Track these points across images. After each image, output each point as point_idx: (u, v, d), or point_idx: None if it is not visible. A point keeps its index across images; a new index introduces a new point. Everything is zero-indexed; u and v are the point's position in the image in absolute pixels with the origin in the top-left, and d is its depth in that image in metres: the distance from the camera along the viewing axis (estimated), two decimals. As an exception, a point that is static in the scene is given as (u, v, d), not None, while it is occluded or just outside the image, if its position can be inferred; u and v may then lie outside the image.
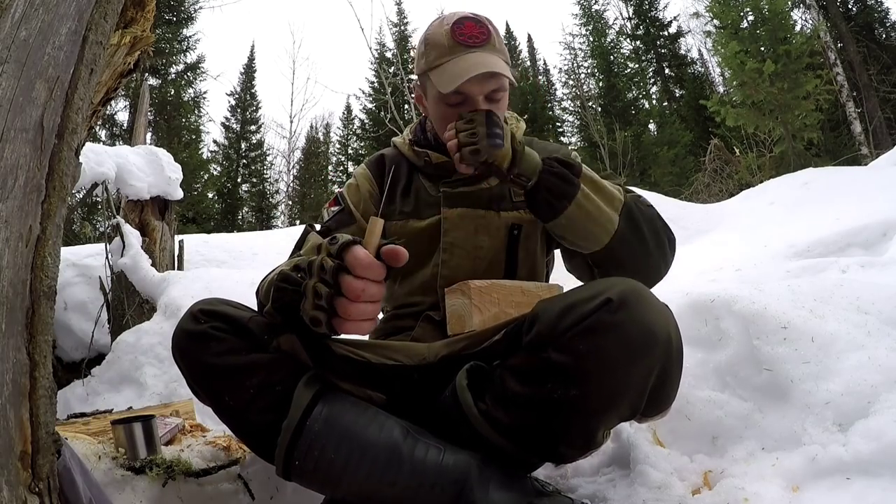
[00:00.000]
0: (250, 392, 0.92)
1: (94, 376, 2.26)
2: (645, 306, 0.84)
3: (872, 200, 3.49)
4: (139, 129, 4.46)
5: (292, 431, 0.89)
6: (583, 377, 0.83)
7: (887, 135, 11.78)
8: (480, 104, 1.10)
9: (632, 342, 0.82)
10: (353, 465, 0.89)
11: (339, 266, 0.74)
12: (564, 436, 0.89)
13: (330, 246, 0.76)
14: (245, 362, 0.93)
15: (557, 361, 0.84)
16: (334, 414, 0.91)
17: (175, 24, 15.75)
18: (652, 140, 16.70)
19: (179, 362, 0.97)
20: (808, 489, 0.95)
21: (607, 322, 0.82)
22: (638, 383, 0.85)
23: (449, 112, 1.12)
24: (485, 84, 1.09)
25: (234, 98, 21.33)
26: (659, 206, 1.21)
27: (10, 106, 0.67)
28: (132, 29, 1.47)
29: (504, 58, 1.13)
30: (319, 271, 0.76)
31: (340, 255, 0.75)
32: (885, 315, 1.21)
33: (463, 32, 1.10)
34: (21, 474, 0.61)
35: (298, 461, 0.89)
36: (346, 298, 0.74)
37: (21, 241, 0.66)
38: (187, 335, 0.95)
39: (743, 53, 8.70)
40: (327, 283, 0.75)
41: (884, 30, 15.28)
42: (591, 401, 0.84)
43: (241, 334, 0.95)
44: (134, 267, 2.77)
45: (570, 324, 0.84)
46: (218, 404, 0.95)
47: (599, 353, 0.82)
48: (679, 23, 19.46)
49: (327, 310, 0.76)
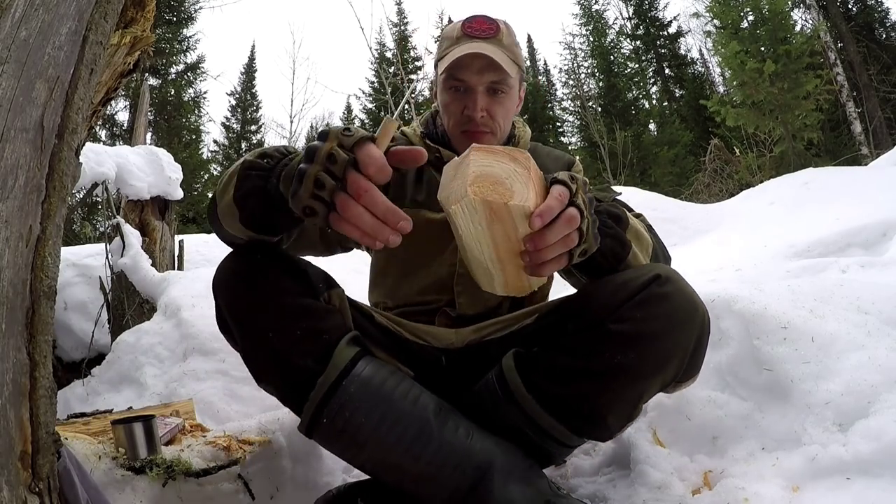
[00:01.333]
0: (297, 334, 0.90)
1: (94, 376, 2.26)
2: (685, 283, 0.94)
3: (872, 200, 3.48)
4: (139, 129, 4.46)
5: (327, 388, 0.88)
6: (640, 340, 0.89)
7: (887, 135, 11.78)
8: (479, 94, 1.14)
9: (679, 310, 0.90)
10: (383, 433, 0.88)
11: (352, 160, 0.69)
12: (615, 404, 0.92)
13: (343, 136, 0.70)
14: (297, 304, 0.91)
15: (617, 331, 0.89)
16: (372, 378, 0.90)
17: (175, 24, 15.75)
18: (652, 140, 16.70)
19: (225, 296, 0.94)
20: (808, 489, 0.95)
21: (659, 293, 0.90)
22: (683, 347, 0.91)
23: (451, 98, 1.17)
24: (483, 74, 1.13)
25: (234, 98, 21.34)
26: (659, 206, 1.22)
27: (10, 106, 0.67)
28: (132, 29, 1.47)
29: (511, 55, 1.15)
30: (326, 160, 0.69)
31: (353, 149, 0.69)
32: (885, 315, 1.21)
33: (472, 26, 1.16)
34: (21, 474, 0.61)
35: (327, 419, 0.88)
36: (348, 195, 0.68)
37: (21, 241, 0.66)
38: (238, 270, 0.93)
39: (743, 53, 8.70)
40: (333, 175, 0.69)
41: (884, 30, 15.27)
42: (647, 363, 0.90)
43: (296, 277, 0.94)
44: (134, 267, 2.77)
45: (625, 297, 0.91)
46: (261, 344, 0.91)
47: (655, 319, 0.89)
48: (679, 23, 19.48)
49: (327, 203, 0.69)
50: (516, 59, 1.18)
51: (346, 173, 0.69)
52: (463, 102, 1.16)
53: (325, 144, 0.70)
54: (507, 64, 1.12)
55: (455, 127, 1.19)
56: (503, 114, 1.17)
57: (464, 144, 1.16)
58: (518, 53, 1.19)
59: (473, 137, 1.15)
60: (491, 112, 1.16)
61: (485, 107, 1.15)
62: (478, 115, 1.14)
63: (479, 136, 1.16)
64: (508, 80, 1.15)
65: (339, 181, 0.69)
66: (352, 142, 0.70)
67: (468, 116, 1.15)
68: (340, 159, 0.69)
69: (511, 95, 1.18)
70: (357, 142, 0.69)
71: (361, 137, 0.70)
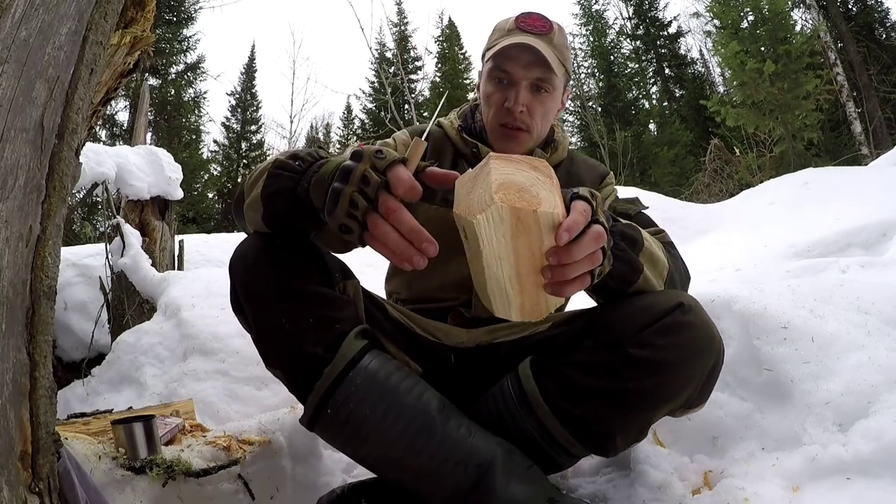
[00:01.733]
0: (310, 321, 0.90)
1: (94, 376, 2.26)
2: (704, 312, 0.94)
3: (872, 200, 3.49)
4: (139, 129, 4.46)
5: (333, 378, 0.88)
6: (660, 368, 0.89)
7: (887, 135, 11.78)
8: (522, 88, 1.13)
9: (699, 340, 0.91)
10: (387, 426, 0.88)
11: (384, 182, 0.72)
12: (626, 425, 0.93)
13: (376, 159, 0.73)
14: (314, 291, 0.92)
15: (636, 356, 0.90)
16: (379, 371, 0.90)
17: (175, 24, 15.75)
18: (652, 140, 16.70)
19: (241, 276, 0.95)
20: (808, 489, 0.95)
21: (681, 322, 0.91)
22: (698, 376, 0.92)
23: (494, 89, 1.16)
24: (529, 69, 1.12)
25: (234, 98, 21.32)
26: (659, 206, 1.22)
27: (10, 106, 0.67)
28: (132, 29, 1.47)
29: (559, 55, 1.14)
30: (360, 181, 0.72)
31: (385, 171, 0.72)
32: (885, 315, 1.21)
33: (526, 21, 1.15)
34: (21, 474, 0.61)
35: (331, 409, 0.88)
36: (379, 215, 0.71)
37: (21, 241, 0.66)
38: (259, 249, 0.94)
39: (743, 53, 8.70)
40: (366, 196, 0.72)
41: (884, 30, 15.27)
42: (665, 389, 0.90)
43: (314, 265, 0.94)
44: (134, 267, 2.77)
45: (647, 322, 0.91)
46: (274, 328, 0.92)
47: (675, 347, 0.90)
48: (679, 23, 19.47)
49: (361, 222, 0.73)
50: (565, 61, 1.17)
51: (377, 194, 0.71)
52: (505, 95, 1.15)
53: (359, 165, 0.73)
54: (554, 63, 1.11)
55: (493, 118, 1.18)
56: (543, 113, 1.16)
57: (501, 139, 1.17)
58: (567, 56, 1.18)
59: (510, 133, 1.15)
60: (531, 109, 1.14)
61: (526, 103, 1.13)
62: (518, 108, 1.13)
63: (516, 133, 1.15)
64: (553, 80, 1.14)
65: (371, 202, 0.72)
66: (384, 164, 0.73)
67: (508, 109, 1.14)
68: (373, 181, 0.72)
69: (554, 97, 1.16)
70: (389, 165, 0.73)
71: (393, 161, 0.73)
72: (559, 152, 1.26)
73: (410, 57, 20.78)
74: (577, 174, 1.26)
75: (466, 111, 1.30)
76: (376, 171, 0.73)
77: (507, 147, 1.17)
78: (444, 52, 20.01)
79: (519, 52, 1.11)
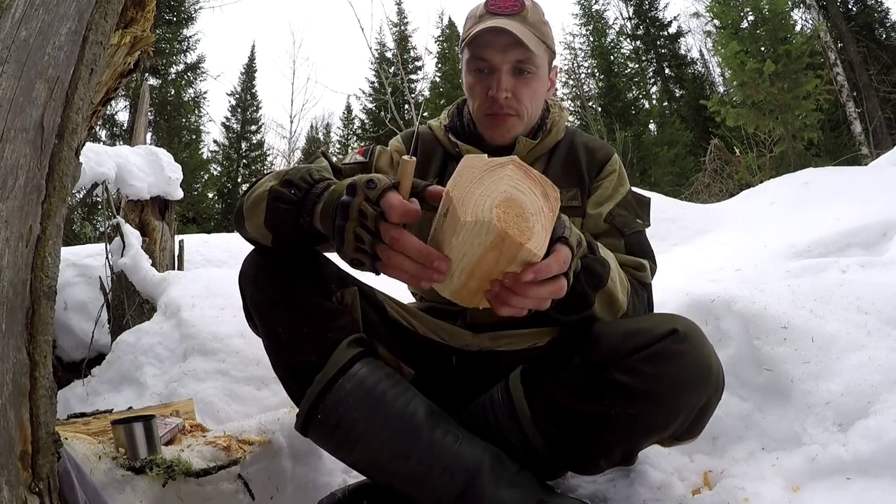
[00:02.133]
0: (304, 332, 0.94)
1: (94, 376, 2.26)
2: (703, 341, 0.90)
3: (872, 200, 3.49)
4: (139, 129, 4.46)
5: (323, 385, 0.91)
6: (645, 397, 0.87)
7: (887, 135, 11.77)
8: (504, 74, 1.08)
9: (692, 371, 0.87)
10: (374, 431, 0.90)
11: (380, 214, 0.72)
12: (608, 450, 0.92)
13: (368, 190, 0.73)
14: (309, 303, 0.95)
15: (621, 381, 0.87)
16: (367, 378, 0.92)
17: (175, 24, 15.74)
18: (652, 140, 16.69)
19: (247, 290, 1.00)
20: (808, 489, 0.95)
21: (673, 350, 0.87)
22: (689, 409, 0.89)
23: (475, 80, 1.12)
24: (507, 53, 1.07)
25: (234, 98, 21.32)
26: (659, 206, 1.21)
27: (10, 106, 0.67)
28: (132, 29, 1.47)
29: (536, 33, 1.09)
30: (359, 216, 0.73)
31: (378, 201, 0.72)
32: (885, 315, 1.21)
33: (496, 3, 1.10)
34: (21, 474, 0.61)
35: (321, 415, 0.91)
36: (386, 245, 0.72)
37: (21, 241, 0.66)
38: (260, 266, 0.98)
39: (743, 53, 8.70)
40: (368, 229, 0.73)
41: (884, 30, 15.26)
42: (647, 420, 0.88)
43: (311, 277, 0.97)
44: (134, 267, 2.77)
45: (636, 347, 0.88)
46: (272, 336, 0.97)
47: (664, 377, 0.86)
48: (679, 23, 19.47)
49: (371, 254, 0.73)
50: (544, 37, 1.11)
51: (377, 225, 0.72)
52: (487, 84, 1.10)
53: (354, 200, 0.74)
54: (532, 42, 1.06)
55: (479, 109, 1.14)
56: (530, 95, 1.11)
57: (490, 127, 1.13)
58: (546, 32, 1.12)
59: (498, 120, 1.11)
60: (517, 94, 1.10)
61: (510, 87, 1.09)
62: (502, 95, 1.08)
63: (504, 119, 1.11)
64: (535, 59, 1.08)
65: (374, 234, 0.72)
66: (376, 195, 0.73)
67: (493, 98, 1.09)
68: (370, 214, 0.72)
69: (539, 76, 1.11)
70: (381, 194, 0.72)
71: (384, 189, 0.72)
72: (553, 135, 1.19)
73: (410, 57, 20.77)
74: (574, 164, 1.17)
75: (454, 110, 1.26)
76: (370, 202, 0.73)
77: (497, 133, 1.13)
78: (444, 52, 20.00)
79: (493, 36, 1.06)
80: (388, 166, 1.19)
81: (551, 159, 1.18)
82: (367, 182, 0.74)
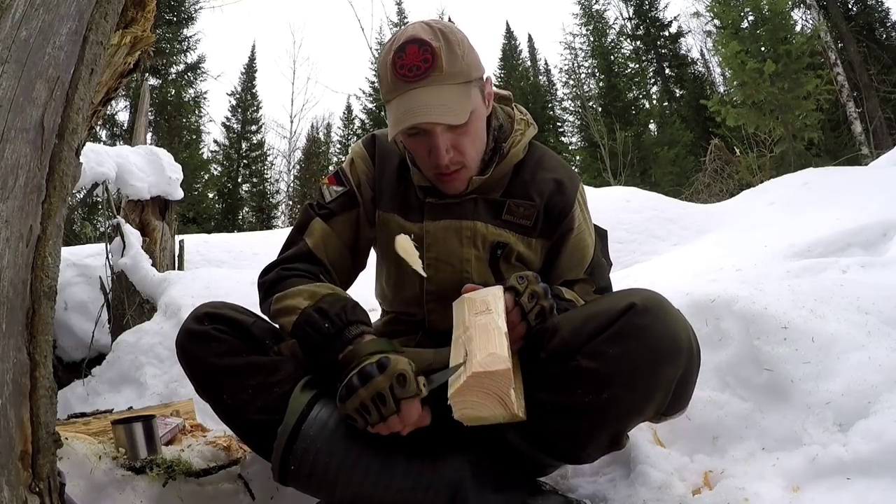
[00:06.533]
0: (249, 392, 0.95)
1: (95, 376, 2.26)
2: (666, 312, 0.87)
3: (872, 200, 3.49)
4: (139, 129, 4.46)
5: (287, 435, 0.91)
6: (613, 381, 0.85)
7: (887, 135, 11.77)
8: (439, 136, 1.00)
9: (658, 346, 0.85)
10: (348, 470, 0.91)
11: (396, 411, 0.86)
12: (592, 439, 0.92)
13: (398, 385, 0.85)
14: (245, 363, 0.97)
15: (587, 367, 0.86)
16: (328, 419, 0.93)
17: (175, 24, 15.75)
18: (652, 140, 16.70)
19: (182, 361, 1.01)
20: (808, 489, 0.95)
21: (635, 325, 0.85)
22: (664, 386, 0.87)
23: (412, 144, 1.06)
24: (434, 122, 0.99)
25: (234, 98, 21.31)
26: (659, 206, 1.21)
27: (10, 106, 0.67)
28: (132, 29, 1.47)
29: (456, 81, 0.99)
30: (376, 397, 0.85)
31: (401, 402, 0.85)
32: (886, 315, 1.21)
33: (403, 64, 0.98)
34: (21, 474, 0.61)
35: (294, 466, 0.91)
36: (385, 426, 0.86)
37: (21, 241, 0.66)
38: (191, 335, 0.99)
39: (743, 53, 8.69)
40: (377, 409, 0.85)
41: (884, 30, 15.27)
42: (621, 404, 0.87)
43: (243, 337, 0.99)
44: (134, 267, 2.77)
45: (596, 329, 0.87)
46: (217, 402, 0.99)
47: (628, 356, 0.84)
48: (679, 23, 19.46)
49: (368, 422, 0.86)
50: (467, 77, 1.00)
51: (388, 411, 0.86)
52: (425, 146, 1.03)
53: (379, 378, 0.86)
54: (455, 103, 0.97)
55: (427, 171, 1.08)
56: (471, 141, 1.04)
57: (442, 185, 1.08)
58: (465, 67, 1.00)
59: (447, 178, 1.05)
60: (458, 147, 1.02)
61: (449, 146, 1.01)
62: (444, 160, 1.01)
63: (454, 177, 1.05)
64: (462, 114, 0.99)
65: (380, 414, 0.86)
66: (402, 395, 0.86)
67: (435, 163, 1.02)
68: (388, 406, 0.86)
69: (474, 119, 1.02)
70: (408, 397, 0.86)
71: (409, 396, 0.86)
72: (510, 158, 1.11)
73: (410, 57, 20.75)
74: (533, 196, 1.11)
75: None
76: (393, 395, 0.85)
77: (450, 188, 1.08)
78: (444, 52, 19.96)
79: (414, 111, 0.97)
80: (363, 173, 1.16)
81: (512, 181, 1.13)
82: (400, 376, 0.85)
